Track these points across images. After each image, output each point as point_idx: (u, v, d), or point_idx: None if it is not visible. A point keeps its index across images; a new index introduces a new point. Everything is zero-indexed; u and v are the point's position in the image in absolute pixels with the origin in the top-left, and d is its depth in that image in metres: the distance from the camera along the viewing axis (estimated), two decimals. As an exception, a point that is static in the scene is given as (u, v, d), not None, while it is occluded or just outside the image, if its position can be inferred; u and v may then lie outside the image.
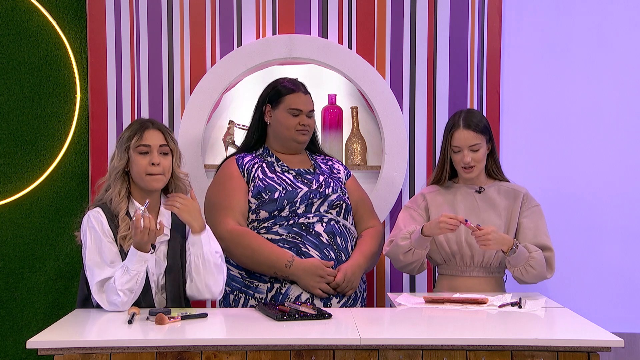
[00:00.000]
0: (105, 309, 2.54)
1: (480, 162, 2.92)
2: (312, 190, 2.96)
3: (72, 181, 3.56)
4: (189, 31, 3.51)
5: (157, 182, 2.63)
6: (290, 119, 3.01)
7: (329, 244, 2.91)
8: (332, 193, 2.98)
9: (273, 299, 2.88)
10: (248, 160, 3.04)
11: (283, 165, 3.03)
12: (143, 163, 2.61)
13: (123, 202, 2.62)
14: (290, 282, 2.87)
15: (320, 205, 2.95)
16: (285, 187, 2.95)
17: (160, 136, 2.64)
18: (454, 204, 2.96)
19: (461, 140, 2.89)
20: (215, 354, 2.20)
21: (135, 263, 2.48)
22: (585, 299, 3.54)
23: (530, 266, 2.81)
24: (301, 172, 3.02)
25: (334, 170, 3.11)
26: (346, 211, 3.01)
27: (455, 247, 2.90)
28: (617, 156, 3.60)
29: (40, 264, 3.56)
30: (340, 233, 2.95)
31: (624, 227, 3.59)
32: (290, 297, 2.87)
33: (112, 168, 2.64)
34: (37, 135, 3.55)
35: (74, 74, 3.54)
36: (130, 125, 2.70)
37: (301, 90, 3.04)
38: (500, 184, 2.99)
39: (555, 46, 3.59)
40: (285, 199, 2.92)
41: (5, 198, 3.53)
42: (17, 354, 3.54)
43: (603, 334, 2.26)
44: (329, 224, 2.93)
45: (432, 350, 2.21)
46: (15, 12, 3.52)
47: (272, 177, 2.98)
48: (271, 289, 2.89)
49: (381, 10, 3.52)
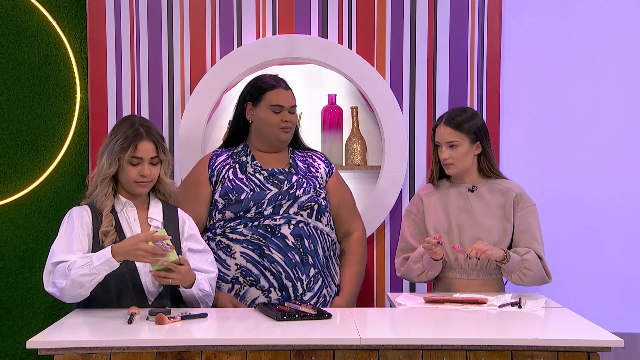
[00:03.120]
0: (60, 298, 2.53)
1: (459, 161, 2.91)
2: (281, 191, 2.93)
3: (72, 181, 3.56)
4: (189, 31, 3.51)
5: (143, 189, 2.68)
6: (272, 116, 2.97)
7: (295, 246, 2.88)
8: (303, 194, 2.94)
9: None
10: (221, 160, 3.02)
11: (256, 165, 2.99)
12: (133, 173, 2.64)
13: (109, 200, 2.65)
14: (248, 285, 2.86)
15: (289, 207, 2.92)
16: (253, 188, 2.93)
17: (152, 147, 2.65)
18: (446, 204, 2.95)
19: (439, 135, 2.93)
20: (215, 354, 2.20)
21: (102, 264, 2.45)
22: (585, 299, 3.54)
23: (526, 269, 2.81)
24: (274, 173, 2.98)
25: (312, 169, 3.05)
26: (319, 212, 2.96)
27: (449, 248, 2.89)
28: (618, 156, 3.59)
29: (40, 264, 3.53)
30: (308, 235, 2.91)
31: (624, 227, 3.59)
32: (247, 300, 2.87)
33: (102, 173, 2.65)
34: (37, 135, 3.55)
35: (74, 74, 3.54)
36: (121, 127, 2.68)
37: (282, 86, 3.00)
38: (494, 182, 2.97)
39: (555, 46, 3.59)
40: (251, 201, 2.90)
41: (5, 198, 3.53)
42: (17, 354, 3.54)
43: (603, 334, 2.26)
44: (297, 226, 2.90)
45: (432, 350, 2.21)
46: (15, 12, 3.52)
47: (241, 178, 2.96)
48: (231, 290, 2.89)
49: (381, 10, 3.52)
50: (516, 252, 2.84)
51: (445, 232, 2.92)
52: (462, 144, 2.90)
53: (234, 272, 2.88)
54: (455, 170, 2.93)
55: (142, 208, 2.72)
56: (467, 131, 2.89)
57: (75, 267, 2.45)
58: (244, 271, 2.87)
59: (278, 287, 2.86)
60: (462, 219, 2.91)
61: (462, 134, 2.89)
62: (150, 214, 2.72)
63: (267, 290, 2.86)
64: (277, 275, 2.86)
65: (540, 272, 2.83)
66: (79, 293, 2.48)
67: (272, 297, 2.86)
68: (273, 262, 2.86)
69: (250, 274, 2.86)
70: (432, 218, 2.95)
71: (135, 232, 2.64)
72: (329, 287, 2.96)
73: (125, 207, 2.68)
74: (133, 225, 2.67)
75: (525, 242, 2.88)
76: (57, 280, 2.49)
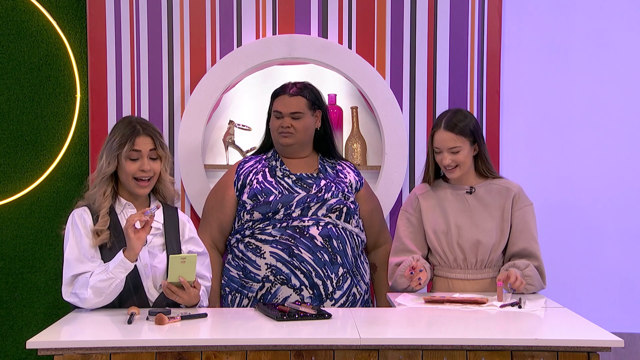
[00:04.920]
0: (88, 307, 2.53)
1: (463, 164, 2.88)
2: (310, 195, 2.96)
3: (72, 181, 3.56)
4: (189, 31, 3.51)
5: (143, 189, 2.66)
6: (274, 121, 3.03)
7: (324, 246, 2.91)
8: (331, 197, 2.97)
9: (262, 298, 2.90)
10: (249, 166, 3.07)
11: (285, 169, 3.03)
12: (132, 168, 2.62)
13: (107, 201, 2.63)
14: (280, 283, 2.89)
15: (318, 209, 2.94)
16: (282, 191, 2.96)
17: (150, 141, 2.64)
18: (445, 204, 2.93)
19: (440, 141, 2.86)
20: (215, 354, 2.20)
21: (117, 267, 2.48)
22: (585, 299, 3.54)
23: (529, 284, 2.82)
24: (302, 177, 3.02)
25: (341, 175, 3.08)
26: (348, 215, 2.99)
27: (447, 249, 2.89)
28: (617, 156, 3.60)
29: (40, 264, 3.56)
30: (337, 236, 2.94)
31: (624, 227, 3.59)
32: (278, 298, 2.88)
33: (101, 172, 2.64)
34: (37, 135, 3.55)
35: (74, 74, 3.54)
36: (118, 126, 2.68)
37: (287, 93, 3.02)
38: (492, 183, 2.95)
39: (555, 46, 3.59)
40: (280, 203, 2.93)
41: (5, 198, 3.53)
42: (17, 354, 3.54)
43: (603, 334, 2.26)
44: (325, 227, 2.93)
45: (432, 350, 2.21)
46: (15, 12, 3.52)
47: (270, 181, 3.00)
48: (262, 288, 2.91)
49: (381, 10, 3.52)
50: (516, 266, 2.83)
51: (444, 233, 2.91)
52: (463, 148, 2.87)
53: (265, 271, 2.91)
54: (458, 174, 2.89)
55: (142, 208, 2.70)
56: (467, 134, 2.87)
57: (94, 276, 2.49)
58: (275, 270, 2.89)
59: (309, 286, 2.88)
60: (461, 221, 2.90)
61: (463, 137, 2.85)
62: None
63: (299, 289, 2.88)
64: (307, 273, 2.88)
65: (540, 283, 2.85)
66: (101, 300, 2.51)
67: (305, 295, 2.88)
68: (302, 261, 2.89)
69: (280, 272, 2.89)
70: (431, 220, 2.94)
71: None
72: (359, 285, 2.99)
73: (125, 209, 2.67)
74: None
75: (524, 241, 2.88)
76: (79, 291, 2.51)
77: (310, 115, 3.03)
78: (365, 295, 3.03)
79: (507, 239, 2.90)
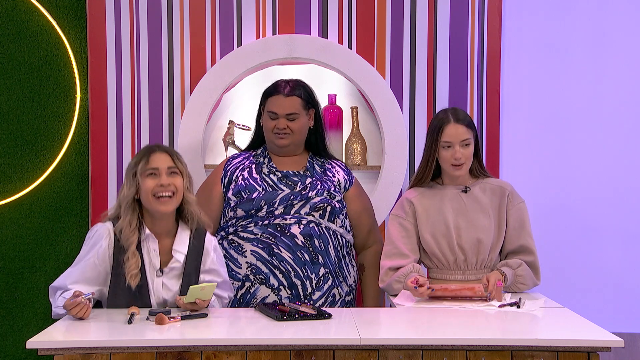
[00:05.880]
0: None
1: (469, 160, 2.86)
2: (294, 192, 2.93)
3: (72, 181, 3.56)
4: (189, 31, 3.51)
5: (165, 206, 2.56)
6: (269, 122, 2.99)
7: (305, 245, 2.88)
8: (315, 195, 2.94)
9: (242, 298, 2.90)
10: (236, 162, 3.05)
11: (272, 166, 3.01)
12: (151, 184, 2.55)
13: (134, 235, 2.55)
14: (259, 283, 2.87)
15: (301, 208, 2.92)
16: (266, 188, 2.94)
17: (167, 158, 2.60)
18: (441, 206, 2.90)
19: (452, 135, 2.82)
20: (215, 354, 2.20)
21: (58, 307, 2.50)
22: (585, 299, 3.54)
23: (520, 284, 2.83)
24: (288, 175, 2.99)
25: (329, 173, 3.04)
26: (332, 214, 2.94)
27: (448, 251, 2.88)
28: (617, 156, 3.60)
29: (40, 264, 3.56)
30: (319, 235, 2.91)
31: (624, 227, 3.59)
32: (257, 298, 2.87)
33: (122, 197, 2.58)
34: (37, 135, 3.55)
35: (74, 74, 3.54)
36: (136, 154, 2.67)
37: (282, 93, 2.98)
38: (485, 182, 2.94)
39: (555, 46, 3.59)
40: (262, 200, 2.91)
41: (5, 198, 3.53)
42: (17, 354, 3.54)
43: (603, 334, 2.26)
44: (307, 226, 2.90)
45: (432, 350, 2.21)
46: (15, 12, 3.52)
47: (255, 177, 2.97)
48: (242, 287, 2.90)
49: (381, 10, 3.52)
50: (509, 265, 2.83)
51: (443, 236, 2.88)
52: (472, 142, 2.86)
53: (245, 270, 2.90)
54: (465, 169, 2.87)
55: (167, 237, 2.63)
56: (473, 128, 2.87)
57: (58, 298, 2.52)
58: (254, 269, 2.88)
59: (287, 286, 2.87)
60: (459, 222, 2.89)
61: (472, 131, 2.86)
62: (175, 244, 2.63)
63: (277, 289, 2.87)
64: (286, 273, 2.87)
65: (532, 281, 2.85)
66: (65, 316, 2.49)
67: (282, 295, 2.86)
68: (282, 260, 2.87)
69: (260, 272, 2.88)
70: (428, 224, 2.90)
71: (154, 264, 2.59)
72: (340, 287, 2.96)
73: (147, 238, 2.59)
74: (153, 257, 2.59)
75: (521, 239, 2.88)
76: (56, 303, 2.54)
77: (304, 115, 3.01)
78: (346, 297, 2.99)
79: (504, 238, 2.90)
